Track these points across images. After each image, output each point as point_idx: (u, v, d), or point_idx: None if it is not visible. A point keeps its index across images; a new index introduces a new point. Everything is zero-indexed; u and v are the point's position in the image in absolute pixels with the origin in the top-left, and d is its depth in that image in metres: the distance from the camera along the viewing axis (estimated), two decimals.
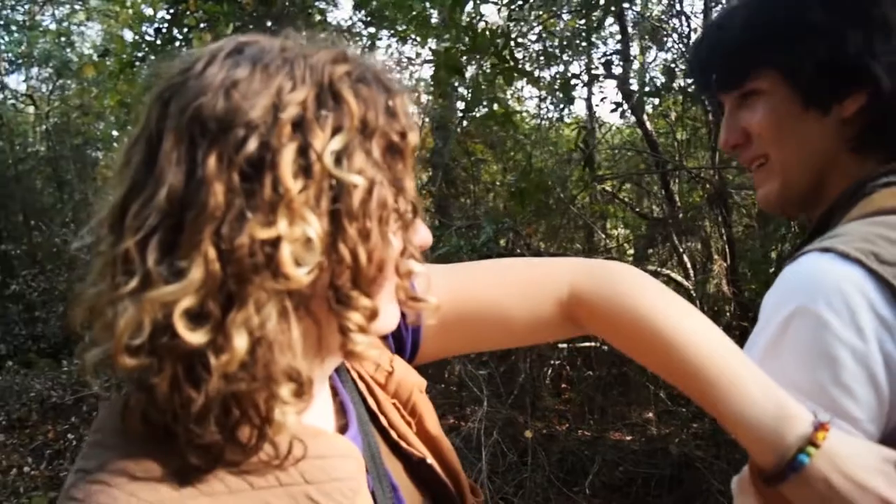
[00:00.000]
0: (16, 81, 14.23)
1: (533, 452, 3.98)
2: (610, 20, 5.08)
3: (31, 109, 10.80)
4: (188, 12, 5.26)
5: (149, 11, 5.78)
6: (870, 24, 0.89)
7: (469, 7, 3.47)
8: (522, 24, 4.13)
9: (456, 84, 4.24)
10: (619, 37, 5.23)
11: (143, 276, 0.59)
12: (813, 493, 0.73)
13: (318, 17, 6.15)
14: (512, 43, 3.53)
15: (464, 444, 3.82)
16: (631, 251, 5.77)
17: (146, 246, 0.59)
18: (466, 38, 3.30)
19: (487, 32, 3.32)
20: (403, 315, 0.84)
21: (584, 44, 5.37)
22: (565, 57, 5.64)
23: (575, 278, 0.88)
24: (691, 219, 5.08)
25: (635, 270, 0.88)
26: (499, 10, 3.43)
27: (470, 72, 3.81)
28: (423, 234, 0.73)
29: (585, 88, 5.77)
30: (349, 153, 0.62)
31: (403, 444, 0.83)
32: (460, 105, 4.40)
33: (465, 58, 3.62)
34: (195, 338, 0.58)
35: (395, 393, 0.86)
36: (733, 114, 1.00)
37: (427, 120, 5.71)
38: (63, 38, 10.16)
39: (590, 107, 6.33)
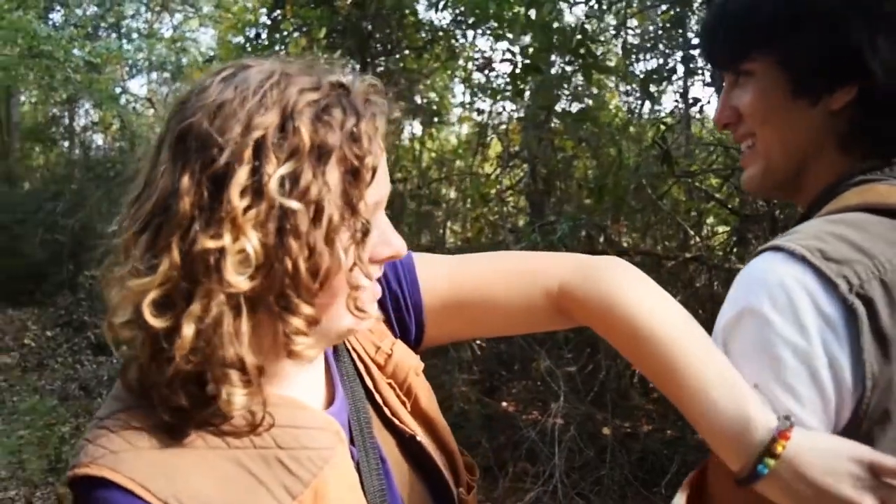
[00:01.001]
0: (138, 86, 15.22)
1: (612, 450, 3.96)
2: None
3: (150, 112, 11.47)
4: (285, 17, 5.50)
5: (250, 17, 6.05)
6: (876, 19, 0.88)
7: (548, 6, 3.49)
8: (598, 20, 4.11)
9: (534, 82, 4.27)
10: None
11: (130, 266, 0.71)
12: (780, 498, 0.75)
13: (411, 19, 6.27)
14: (591, 41, 3.52)
15: (540, 438, 3.85)
16: (735, 249, 5.60)
17: (137, 240, 0.71)
18: (543, 37, 3.33)
19: (566, 30, 3.34)
20: (407, 301, 0.95)
21: (680, 38, 5.27)
22: (661, 49, 5.55)
23: (565, 272, 0.93)
24: (788, 216, 4.92)
25: (624, 264, 0.93)
26: (570, 7, 3.43)
27: (551, 69, 3.83)
28: (394, 246, 0.82)
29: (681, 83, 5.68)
30: (296, 177, 0.70)
31: (396, 421, 0.91)
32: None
33: (545, 55, 3.64)
34: (157, 323, 0.70)
35: (392, 374, 0.94)
36: (728, 92, 1.00)
37: (516, 117, 5.74)
38: (178, 44, 10.74)
39: (686, 101, 6.20)
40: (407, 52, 6.52)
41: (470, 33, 6.18)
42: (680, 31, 5.33)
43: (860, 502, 0.72)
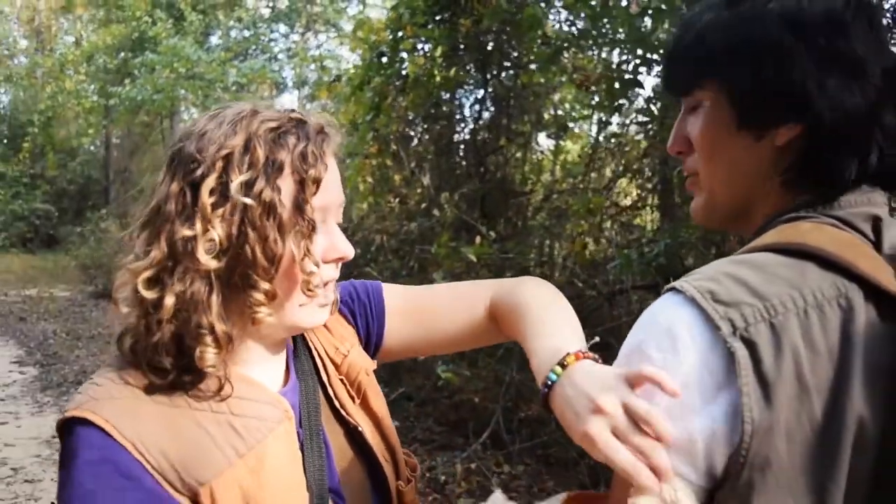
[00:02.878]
0: (289, 102, 16.14)
1: None
2: None
3: None
4: (405, 38, 5.70)
5: (374, 38, 6.28)
6: (827, 56, 0.83)
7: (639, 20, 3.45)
8: None
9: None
10: None
11: (133, 254, 0.93)
12: (559, 407, 0.84)
13: (531, 34, 6.27)
14: None
15: None
16: None
17: (139, 236, 0.94)
18: (639, 51, 3.29)
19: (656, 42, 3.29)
20: (372, 310, 1.17)
21: None
22: None
23: (494, 289, 1.14)
24: None
25: (537, 282, 1.13)
26: (658, 21, 3.35)
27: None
28: (341, 250, 0.99)
29: None
30: (252, 183, 0.90)
31: (343, 413, 1.07)
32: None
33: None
34: (148, 294, 0.90)
35: (345, 372, 1.11)
36: (683, 118, 0.97)
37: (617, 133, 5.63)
38: (317, 63, 11.31)
39: None
40: (531, 66, 6.52)
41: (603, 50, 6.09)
42: None
43: (604, 403, 0.78)
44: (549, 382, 0.87)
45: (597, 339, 0.97)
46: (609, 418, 0.77)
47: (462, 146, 7.09)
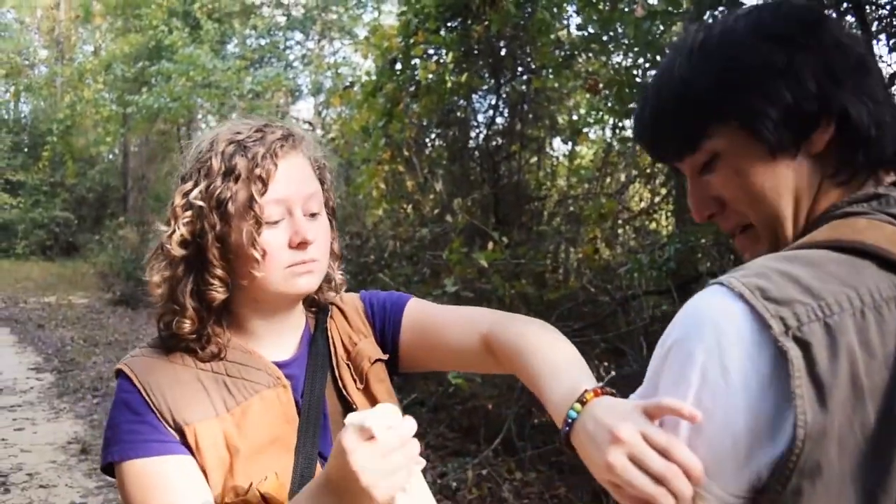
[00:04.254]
0: (306, 109, 16.20)
1: None
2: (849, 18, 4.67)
3: (319, 132, 12.20)
4: (416, 44, 5.70)
5: (387, 44, 6.28)
6: (826, 52, 0.83)
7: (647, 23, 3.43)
8: None
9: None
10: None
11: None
12: (581, 443, 0.84)
13: (543, 40, 6.23)
14: None
15: None
16: None
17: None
18: (647, 55, 3.28)
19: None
20: (390, 317, 1.30)
21: None
22: None
23: (493, 321, 1.20)
24: None
25: (535, 322, 1.18)
26: (666, 23, 3.32)
27: None
28: (301, 235, 1.12)
29: None
30: (208, 187, 1.11)
31: (344, 392, 1.23)
32: None
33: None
34: (148, 277, 1.15)
35: (352, 358, 1.26)
36: (697, 181, 0.91)
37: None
38: (332, 70, 11.35)
39: None
40: (544, 72, 6.48)
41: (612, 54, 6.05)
42: None
43: (621, 433, 0.78)
44: (570, 420, 0.87)
45: (606, 379, 0.96)
46: (626, 447, 0.77)
47: (475, 152, 7.06)
